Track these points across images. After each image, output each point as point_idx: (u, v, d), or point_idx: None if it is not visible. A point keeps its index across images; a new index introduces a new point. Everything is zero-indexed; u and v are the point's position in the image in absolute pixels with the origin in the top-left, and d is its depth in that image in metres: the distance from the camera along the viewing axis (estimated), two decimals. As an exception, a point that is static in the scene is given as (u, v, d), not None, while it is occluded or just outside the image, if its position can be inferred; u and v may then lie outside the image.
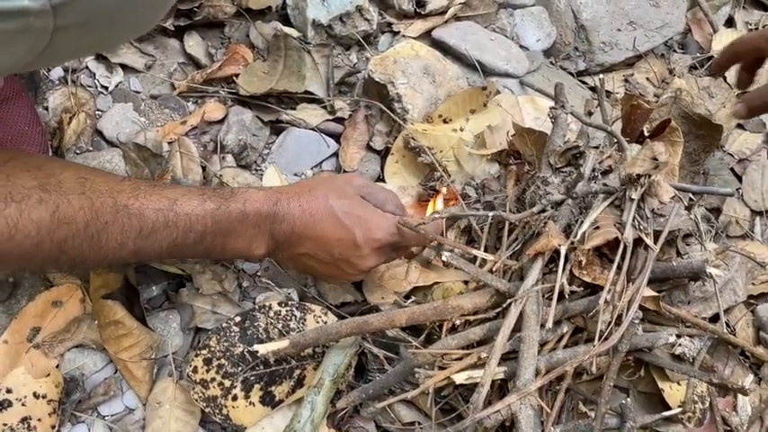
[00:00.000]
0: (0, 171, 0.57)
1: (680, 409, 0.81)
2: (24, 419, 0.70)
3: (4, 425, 0.70)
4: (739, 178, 1.12)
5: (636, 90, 1.12)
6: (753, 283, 0.97)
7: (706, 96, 1.18)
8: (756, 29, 1.31)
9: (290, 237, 0.74)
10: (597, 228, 0.70)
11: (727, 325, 0.92)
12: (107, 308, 0.76)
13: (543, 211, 0.77)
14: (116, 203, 0.63)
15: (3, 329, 0.76)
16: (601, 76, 0.97)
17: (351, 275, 0.79)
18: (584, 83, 1.18)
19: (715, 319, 0.88)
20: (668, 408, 0.82)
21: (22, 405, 0.71)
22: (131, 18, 0.57)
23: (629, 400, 0.79)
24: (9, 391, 0.71)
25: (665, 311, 0.80)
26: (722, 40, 1.25)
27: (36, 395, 0.72)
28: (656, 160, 0.67)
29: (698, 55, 1.24)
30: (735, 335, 0.92)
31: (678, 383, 0.84)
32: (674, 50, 1.27)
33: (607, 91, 1.13)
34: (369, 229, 0.75)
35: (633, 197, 0.69)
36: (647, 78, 1.19)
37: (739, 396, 0.87)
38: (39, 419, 0.71)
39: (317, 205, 0.75)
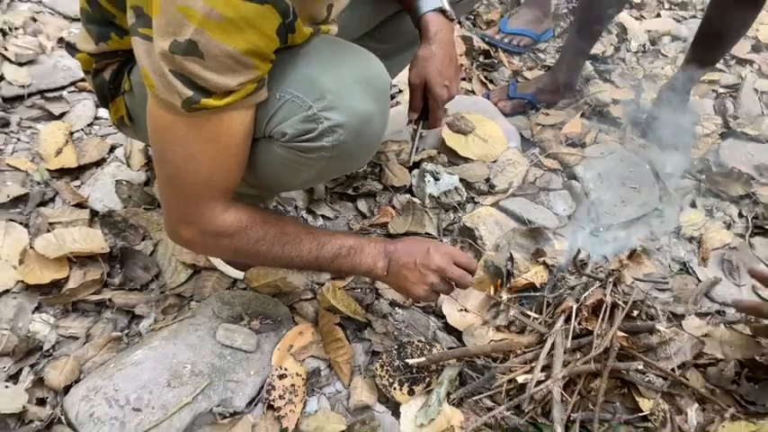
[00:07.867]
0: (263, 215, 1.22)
1: (650, 412, 1.39)
2: (292, 385, 1.35)
3: (284, 387, 1.34)
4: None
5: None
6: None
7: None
8: (710, 211, 1.99)
9: (395, 253, 1.28)
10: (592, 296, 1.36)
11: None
12: (335, 331, 1.43)
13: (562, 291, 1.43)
14: (299, 235, 1.22)
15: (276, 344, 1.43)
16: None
17: (423, 285, 1.27)
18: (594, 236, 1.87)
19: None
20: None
21: (291, 378, 1.36)
22: (359, 156, 1.24)
23: (618, 404, 1.39)
24: (286, 369, 1.36)
25: (632, 351, 1.41)
26: (688, 216, 1.93)
27: (297, 374, 1.36)
28: (621, 263, 1.34)
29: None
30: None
31: (648, 399, 1.42)
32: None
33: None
34: (438, 248, 1.30)
35: (610, 281, 1.36)
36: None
37: (689, 413, 1.44)
38: (299, 387, 1.35)
39: (410, 238, 1.43)
